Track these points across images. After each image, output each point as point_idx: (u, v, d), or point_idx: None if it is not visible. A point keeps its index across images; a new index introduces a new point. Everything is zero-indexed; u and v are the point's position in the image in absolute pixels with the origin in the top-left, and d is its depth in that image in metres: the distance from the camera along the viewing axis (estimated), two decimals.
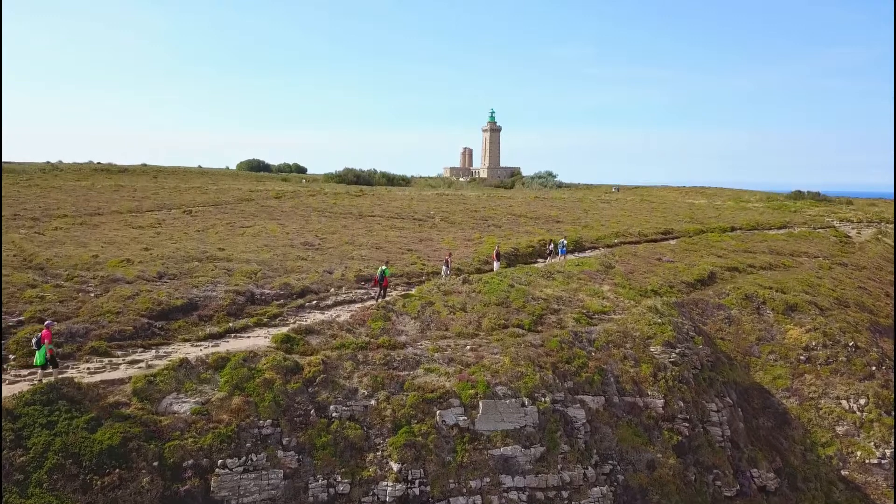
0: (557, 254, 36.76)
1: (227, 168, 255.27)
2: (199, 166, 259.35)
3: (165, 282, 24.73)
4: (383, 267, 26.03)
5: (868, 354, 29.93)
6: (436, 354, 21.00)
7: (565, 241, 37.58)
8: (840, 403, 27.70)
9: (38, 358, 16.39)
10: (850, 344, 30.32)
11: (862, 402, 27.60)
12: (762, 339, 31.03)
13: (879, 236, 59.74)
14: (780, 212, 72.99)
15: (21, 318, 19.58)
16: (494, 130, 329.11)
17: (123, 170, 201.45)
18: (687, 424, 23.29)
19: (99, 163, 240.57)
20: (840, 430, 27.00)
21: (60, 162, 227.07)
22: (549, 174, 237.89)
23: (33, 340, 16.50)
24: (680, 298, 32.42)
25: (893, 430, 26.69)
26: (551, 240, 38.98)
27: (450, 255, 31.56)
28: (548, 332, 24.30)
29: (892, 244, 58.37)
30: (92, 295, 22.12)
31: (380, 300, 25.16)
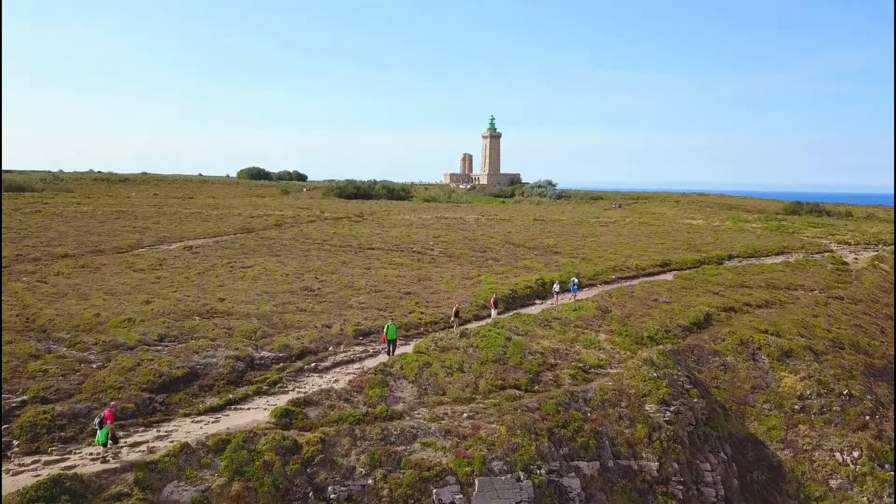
0: (569, 291, 38.69)
1: (228, 176, 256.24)
2: (200, 174, 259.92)
3: (166, 345, 25.08)
4: (390, 324, 26.85)
5: (862, 403, 30.20)
6: (432, 425, 21.32)
7: (577, 280, 39.60)
8: (834, 456, 27.97)
9: (99, 437, 17.65)
10: (845, 392, 30.61)
11: (855, 454, 27.87)
12: (757, 387, 31.31)
13: (876, 262, 60.04)
14: (778, 234, 73.33)
15: (24, 397, 19.91)
16: (494, 137, 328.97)
17: (124, 179, 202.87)
18: (681, 487, 23.60)
19: (99, 172, 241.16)
20: (833, 483, 27.26)
21: (61, 171, 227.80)
22: (549, 183, 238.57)
23: (96, 421, 17.83)
24: (676, 344, 32.74)
25: (893, 483, 26.96)
26: (556, 280, 39.63)
27: (457, 306, 32.23)
28: (544, 394, 24.65)
29: (888, 270, 58.70)
30: (94, 366, 22.47)
31: (390, 357, 26.16)
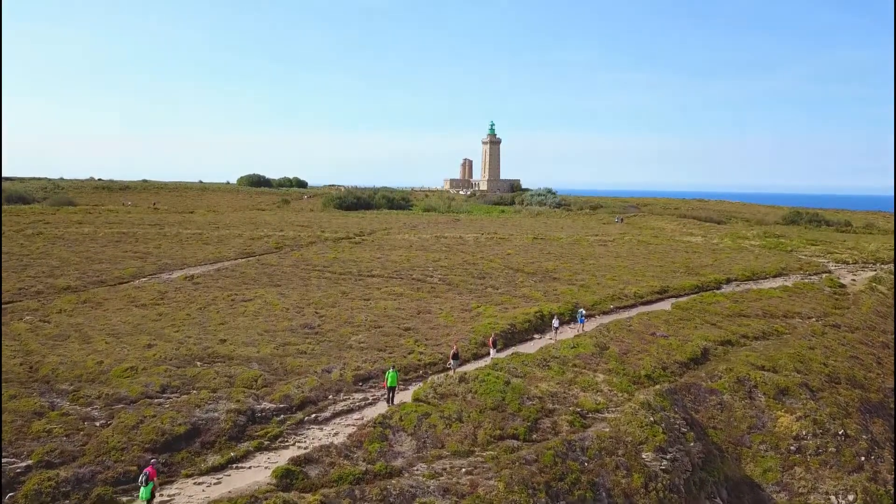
0: (565, 324, 40.46)
1: (228, 183, 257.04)
2: (200, 181, 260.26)
3: (168, 397, 25.40)
4: (391, 371, 27.22)
5: (857, 444, 30.49)
6: (431, 483, 21.62)
7: (584, 312, 40.98)
8: (829, 499, 28.24)
9: (143, 493, 18.57)
10: (840, 432, 30.91)
11: (850, 497, 28.17)
12: (754, 427, 31.60)
13: (874, 284, 60.34)
14: (776, 252, 73.64)
15: (29, 461, 20.23)
16: (494, 143, 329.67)
17: (124, 187, 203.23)
18: None
19: (100, 179, 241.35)
20: None
21: (62, 179, 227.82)
22: (549, 191, 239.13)
23: (141, 478, 18.80)
24: (673, 383, 33.05)
25: None
26: (554, 314, 40.22)
27: (456, 346, 32.52)
28: (542, 444, 24.96)
29: (885, 292, 59.00)
30: (98, 424, 22.79)
31: (390, 406, 26.58)
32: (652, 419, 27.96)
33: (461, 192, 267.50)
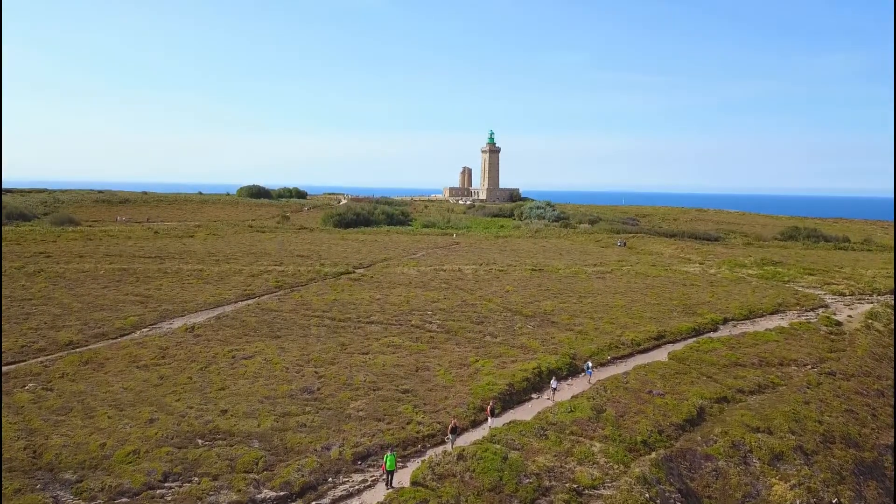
0: (573, 376, 42.17)
1: (228, 194, 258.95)
2: (200, 193, 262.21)
3: (171, 487, 25.82)
4: (389, 454, 27.72)
5: None
6: None
7: (590, 364, 42.81)
8: None
9: None
10: (834, 501, 31.34)
11: None
12: (748, 494, 31.99)
13: (870, 321, 60.82)
14: (773, 284, 74.11)
15: None
16: (493, 152, 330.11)
17: (124, 200, 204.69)
18: None
19: (100, 192, 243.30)
20: None
21: (62, 191, 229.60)
22: (548, 204, 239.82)
23: None
24: (669, 448, 33.48)
25: None
26: (552, 369, 41.07)
27: (455, 420, 33.00)
28: None
29: (881, 330, 59.44)
30: None
31: (388, 489, 27.12)
32: (647, 495, 28.41)
33: (460, 202, 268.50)
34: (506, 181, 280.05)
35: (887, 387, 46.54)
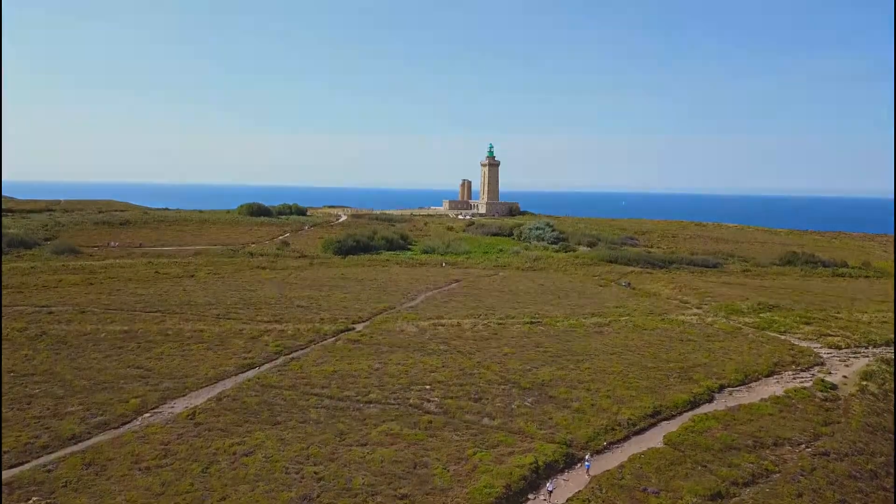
0: (582, 464, 43.36)
1: (228, 211, 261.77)
2: (199, 211, 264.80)
3: None
4: None
5: None
6: None
7: (589, 457, 43.79)
8: None
9: None
10: None
11: None
12: None
13: (865, 382, 61.42)
14: (770, 338, 74.68)
15: None
16: (493, 165, 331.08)
17: (124, 222, 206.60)
18: None
19: (101, 211, 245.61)
20: None
21: (63, 212, 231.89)
22: (549, 225, 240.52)
23: None
24: None
25: None
26: (550, 472, 41.82)
27: None
28: None
29: (876, 393, 59.96)
30: None
31: None
32: None
33: (460, 216, 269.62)
34: (509, 183, 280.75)
35: (881, 465, 47.10)
